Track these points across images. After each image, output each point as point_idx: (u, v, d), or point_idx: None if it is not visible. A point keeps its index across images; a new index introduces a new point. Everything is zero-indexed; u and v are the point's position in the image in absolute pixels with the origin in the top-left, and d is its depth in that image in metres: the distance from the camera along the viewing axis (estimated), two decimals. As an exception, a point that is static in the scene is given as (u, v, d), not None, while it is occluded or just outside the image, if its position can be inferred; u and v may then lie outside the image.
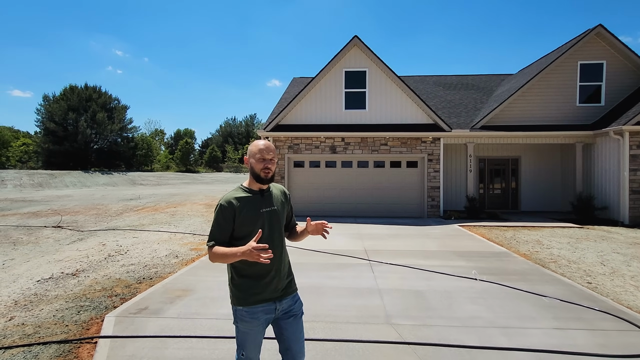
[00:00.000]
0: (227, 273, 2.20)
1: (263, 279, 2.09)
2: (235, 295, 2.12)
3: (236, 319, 2.13)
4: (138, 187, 35.44)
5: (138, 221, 12.18)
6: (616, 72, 13.01)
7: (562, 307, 4.41)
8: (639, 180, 11.38)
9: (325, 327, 3.81)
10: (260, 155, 2.11)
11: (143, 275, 5.80)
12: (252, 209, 2.09)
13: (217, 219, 2.07)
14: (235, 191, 2.15)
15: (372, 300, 4.62)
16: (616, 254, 7.35)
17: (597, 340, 3.50)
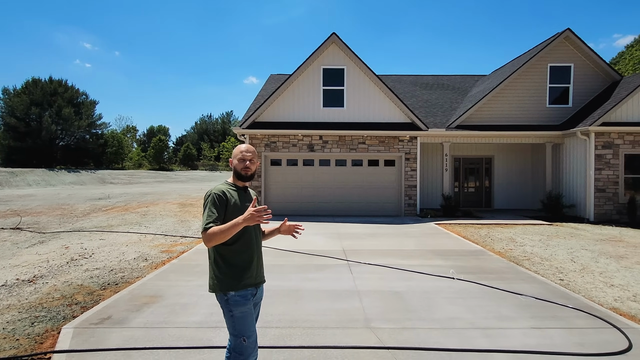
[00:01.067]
0: (211, 265, 2.32)
1: (249, 266, 2.31)
2: (224, 282, 2.25)
3: (229, 307, 2.24)
4: (108, 185, 34.06)
5: (106, 222, 11.62)
6: (583, 75, 13.49)
7: (539, 305, 4.44)
8: (603, 179, 11.85)
9: (303, 333, 3.65)
10: (241, 156, 2.39)
11: (108, 281, 5.45)
12: (239, 202, 2.33)
13: (212, 206, 2.21)
14: (223, 185, 2.38)
15: (351, 303, 4.50)
16: (585, 250, 7.57)
17: (574, 339, 3.51)
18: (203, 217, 2.20)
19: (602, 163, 11.85)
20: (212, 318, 3.99)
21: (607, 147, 11.83)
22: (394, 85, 17.03)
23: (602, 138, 11.84)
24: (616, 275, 5.81)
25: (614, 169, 11.83)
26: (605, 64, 13.42)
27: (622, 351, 3.26)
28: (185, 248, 7.69)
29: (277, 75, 18.24)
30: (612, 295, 4.90)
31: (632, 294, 4.92)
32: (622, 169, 11.85)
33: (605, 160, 11.83)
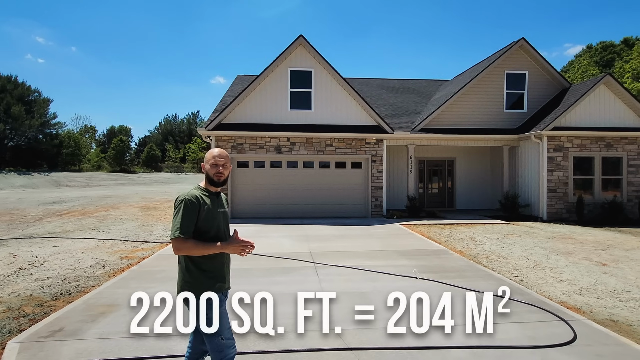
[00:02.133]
0: (182, 271, 2.31)
1: (220, 272, 2.35)
2: (197, 286, 2.25)
3: (207, 307, 2.24)
4: (63, 189, 32.22)
5: (61, 227, 10.99)
6: (536, 82, 14.33)
7: (495, 301, 4.64)
8: (555, 180, 12.63)
9: (267, 337, 3.62)
10: (214, 161, 2.34)
11: (61, 291, 5.15)
12: (212, 208, 2.31)
13: (185, 212, 2.18)
14: (195, 190, 2.32)
15: (316, 306, 4.51)
16: (538, 247, 8.03)
17: (527, 333, 3.71)
18: (174, 221, 2.19)
19: (554, 165, 12.63)
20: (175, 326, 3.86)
21: (557, 150, 12.62)
22: (361, 89, 17.29)
23: (554, 141, 12.62)
24: (565, 270, 6.21)
25: (564, 171, 12.64)
26: (556, 72, 14.32)
27: (568, 342, 3.49)
28: (147, 254, 7.41)
29: (244, 76, 18.01)
30: (561, 289, 5.23)
31: (578, 288, 5.27)
32: (571, 170, 12.68)
33: (556, 162, 12.61)
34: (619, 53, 45.25)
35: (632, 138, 12.84)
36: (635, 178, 12.89)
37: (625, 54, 42.87)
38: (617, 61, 43.32)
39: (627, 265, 6.48)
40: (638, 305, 4.59)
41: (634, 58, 37.86)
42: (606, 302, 4.68)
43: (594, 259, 6.95)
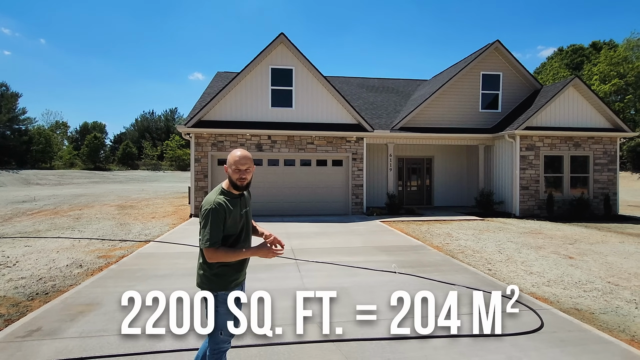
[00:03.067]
0: (202, 265, 2.40)
1: (241, 267, 2.48)
2: (216, 282, 2.38)
3: (218, 304, 2.38)
4: (33, 187, 31.06)
5: (32, 227, 10.63)
6: (510, 83, 14.85)
7: (469, 294, 4.86)
8: (527, 178, 13.15)
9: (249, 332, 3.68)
10: (236, 167, 2.35)
11: (36, 291, 5.04)
12: (236, 211, 2.38)
13: (212, 222, 2.26)
14: (220, 196, 2.35)
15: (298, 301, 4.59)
16: (510, 242, 8.38)
17: (498, 323, 3.91)
18: (203, 231, 2.28)
19: (526, 163, 13.14)
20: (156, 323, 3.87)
21: (530, 149, 13.14)
22: (342, 87, 17.44)
23: (526, 141, 13.13)
24: (535, 263, 6.53)
25: (536, 169, 13.18)
26: (528, 73, 14.88)
27: (536, 329, 3.71)
28: (126, 252, 7.30)
29: (224, 73, 17.84)
30: (531, 281, 5.51)
31: (547, 280, 5.57)
32: (542, 168, 13.24)
33: (528, 161, 13.14)
34: (588, 56, 47.32)
35: (597, 138, 13.51)
36: (600, 176, 13.58)
37: (594, 57, 44.85)
38: (586, 64, 45.28)
39: (591, 258, 6.87)
40: (600, 294, 4.90)
41: (602, 61, 39.64)
42: (571, 293, 4.98)
43: (561, 253, 7.32)
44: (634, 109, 37.92)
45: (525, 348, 3.37)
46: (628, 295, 4.85)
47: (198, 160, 12.47)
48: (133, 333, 3.59)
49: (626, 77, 36.79)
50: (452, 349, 3.37)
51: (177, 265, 6.24)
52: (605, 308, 4.42)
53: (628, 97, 37.08)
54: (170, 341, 3.49)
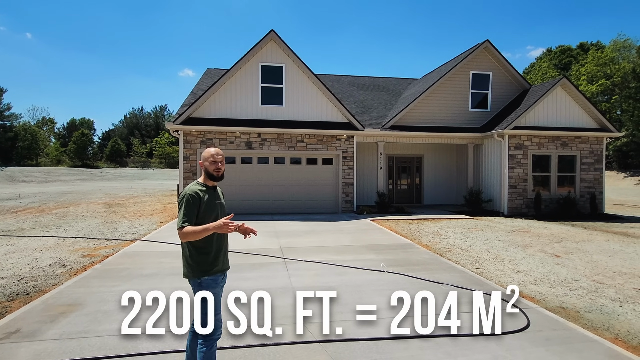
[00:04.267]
0: (185, 256, 2.64)
1: (218, 255, 2.67)
2: (198, 269, 2.59)
3: (202, 289, 2.58)
4: (19, 184, 30.45)
5: (16, 225, 10.41)
6: (499, 83, 14.97)
7: (457, 292, 4.87)
8: (515, 177, 13.28)
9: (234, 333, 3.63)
10: (213, 159, 2.69)
11: (17, 291, 4.91)
12: (210, 201, 2.66)
13: (187, 205, 2.53)
14: (195, 185, 2.66)
15: (285, 300, 4.56)
16: (498, 241, 8.44)
17: (486, 322, 3.92)
18: (179, 215, 2.53)
19: (514, 162, 13.27)
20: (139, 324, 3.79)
21: (518, 148, 13.27)
22: (332, 85, 17.40)
23: (515, 140, 13.25)
24: (522, 262, 6.58)
25: (524, 168, 13.31)
26: (517, 73, 15.02)
27: (522, 329, 3.73)
28: (111, 251, 7.17)
29: (214, 70, 17.65)
30: (518, 280, 5.55)
31: (533, 279, 5.61)
32: (530, 167, 13.38)
33: (516, 160, 13.26)
34: (576, 57, 47.98)
35: (584, 138, 13.70)
36: (587, 175, 13.78)
37: (581, 58, 45.51)
38: (573, 64, 45.92)
39: (577, 257, 6.96)
40: (585, 293, 4.95)
41: (589, 62, 40.26)
42: (557, 291, 5.02)
43: (548, 251, 7.40)
44: (620, 109, 38.61)
45: (511, 347, 3.37)
46: (612, 294, 4.91)
47: (187, 157, 12.32)
48: (117, 334, 3.53)
49: (613, 78, 37.43)
50: (438, 349, 3.36)
51: (163, 264, 6.15)
52: (590, 306, 4.46)
53: (614, 98, 37.75)
54: (152, 342, 3.42)
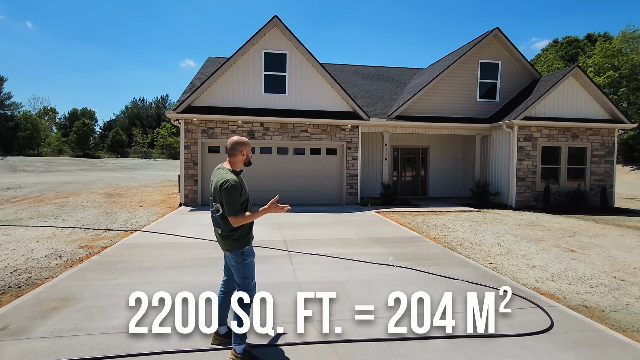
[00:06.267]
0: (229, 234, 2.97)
1: (251, 230, 3.08)
2: (238, 241, 2.98)
3: (244, 257, 3.00)
4: (20, 174, 30.29)
5: (14, 215, 10.19)
6: (508, 72, 14.55)
7: (471, 289, 4.61)
8: (524, 169, 12.95)
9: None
10: (249, 150, 3.06)
11: (9, 284, 4.68)
12: (244, 185, 3.00)
13: (235, 194, 2.84)
14: (232, 174, 2.92)
15: (290, 297, 4.31)
16: (509, 235, 8.17)
17: (505, 321, 3.67)
18: (229, 203, 2.82)
19: (523, 154, 12.93)
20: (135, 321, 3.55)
21: (527, 139, 12.92)
22: (337, 74, 16.99)
23: (524, 131, 12.90)
24: (536, 257, 6.31)
25: (533, 160, 12.98)
26: (527, 62, 14.58)
27: (546, 329, 3.46)
28: (109, 242, 6.94)
29: (215, 58, 17.25)
30: (534, 276, 5.28)
31: (550, 274, 5.35)
32: (540, 159, 13.04)
33: (525, 152, 12.92)
34: (583, 48, 47.12)
35: (596, 129, 13.33)
36: (597, 168, 13.44)
37: (589, 49, 44.68)
38: (580, 56, 45.10)
39: (593, 252, 6.68)
40: (607, 290, 4.69)
41: (597, 53, 39.48)
42: (577, 288, 4.76)
43: (562, 246, 7.13)
44: (626, 102, 37.96)
45: (536, 350, 3.11)
46: (637, 292, 4.64)
47: (187, 147, 12.03)
48: (111, 332, 3.27)
49: (620, 70, 36.72)
50: (457, 351, 3.10)
51: (162, 256, 5.90)
52: (615, 305, 4.20)
53: (622, 90, 37.09)
54: (151, 342, 3.18)
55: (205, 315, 3.49)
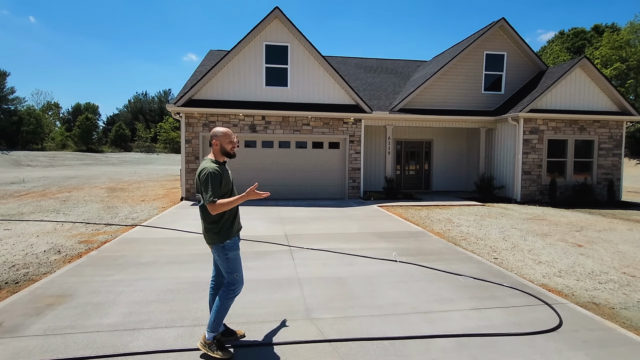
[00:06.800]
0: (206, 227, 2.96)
1: (233, 222, 3.01)
2: (219, 234, 2.93)
3: (226, 251, 2.94)
4: (24, 168, 30.40)
5: (17, 209, 10.16)
6: (514, 64, 14.27)
7: (476, 285, 4.50)
8: (529, 162, 12.75)
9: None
10: (230, 138, 3.02)
11: (6, 279, 4.62)
12: (227, 175, 2.99)
13: (213, 181, 2.82)
14: (212, 163, 2.94)
15: (291, 292, 4.22)
16: (514, 229, 8.03)
17: (511, 319, 3.55)
18: (206, 191, 2.80)
19: (529, 147, 12.72)
20: (132, 318, 3.48)
21: (533, 132, 12.70)
22: (339, 67, 16.79)
23: (530, 124, 12.67)
24: (542, 252, 6.18)
25: (539, 153, 12.77)
26: (534, 54, 14.29)
27: (554, 328, 3.35)
28: (109, 237, 6.87)
29: (217, 52, 17.08)
30: (541, 271, 5.15)
31: (558, 270, 5.21)
32: (546, 153, 12.82)
33: (531, 145, 12.71)
34: (589, 40, 46.37)
35: (603, 122, 13.07)
36: (605, 161, 13.21)
37: (595, 41, 43.95)
38: (587, 47, 44.40)
39: (601, 247, 6.53)
40: (617, 287, 4.55)
41: (604, 45, 38.81)
42: (586, 284, 4.63)
43: (569, 240, 6.98)
44: (634, 94, 37.38)
45: (545, 350, 2.99)
46: (647, 288, 4.51)
47: (189, 141, 11.93)
48: (107, 330, 3.18)
49: (628, 62, 36.11)
50: (462, 350, 2.99)
51: (162, 251, 5.83)
52: (625, 302, 4.07)
53: (629, 82, 36.50)
54: (146, 340, 3.10)
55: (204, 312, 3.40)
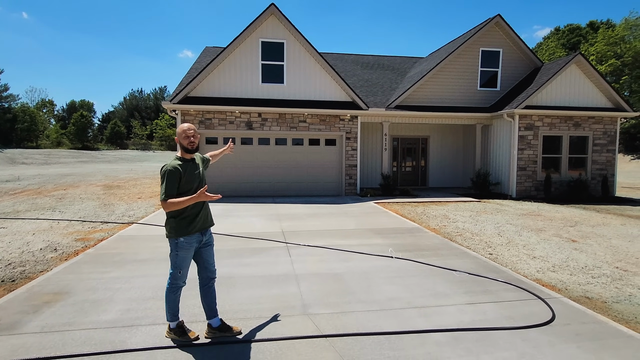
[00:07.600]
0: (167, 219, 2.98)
1: (194, 218, 2.98)
2: (176, 229, 2.93)
3: (176, 249, 2.95)
4: (19, 166, 30.15)
5: (12, 207, 10.11)
6: (510, 60, 14.32)
7: (471, 280, 4.55)
8: (525, 159, 12.83)
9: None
10: (185, 134, 2.98)
11: (2, 277, 4.61)
12: (190, 172, 2.97)
13: (169, 179, 2.84)
14: (175, 161, 2.95)
15: (288, 288, 4.25)
16: (509, 225, 8.09)
17: (505, 313, 3.60)
18: (161, 188, 2.84)
19: (524, 143, 12.79)
20: (129, 315, 3.50)
21: (528, 128, 12.77)
22: (335, 64, 16.77)
23: (525, 120, 12.74)
24: (537, 247, 6.24)
25: (534, 149, 12.85)
26: (529, 50, 14.34)
27: (547, 322, 3.40)
28: (106, 235, 6.87)
29: (213, 48, 17.00)
30: (535, 266, 5.21)
31: (551, 265, 5.28)
32: (541, 149, 12.91)
33: (527, 141, 12.78)
34: (585, 36, 46.53)
35: (598, 118, 13.17)
36: (599, 157, 13.31)
37: (591, 37, 44.11)
38: (582, 44, 44.55)
39: (595, 242, 6.61)
40: (610, 281, 4.62)
41: (599, 41, 38.96)
42: (579, 279, 4.69)
43: (563, 236, 7.05)
44: (629, 90, 37.59)
45: (538, 343, 3.04)
46: (639, 282, 4.57)
47: (185, 138, 11.88)
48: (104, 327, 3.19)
49: (623, 58, 36.28)
50: (457, 344, 3.03)
51: (159, 249, 5.83)
52: (617, 296, 4.13)
53: (624, 78, 36.69)
54: (144, 337, 3.11)
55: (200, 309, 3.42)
